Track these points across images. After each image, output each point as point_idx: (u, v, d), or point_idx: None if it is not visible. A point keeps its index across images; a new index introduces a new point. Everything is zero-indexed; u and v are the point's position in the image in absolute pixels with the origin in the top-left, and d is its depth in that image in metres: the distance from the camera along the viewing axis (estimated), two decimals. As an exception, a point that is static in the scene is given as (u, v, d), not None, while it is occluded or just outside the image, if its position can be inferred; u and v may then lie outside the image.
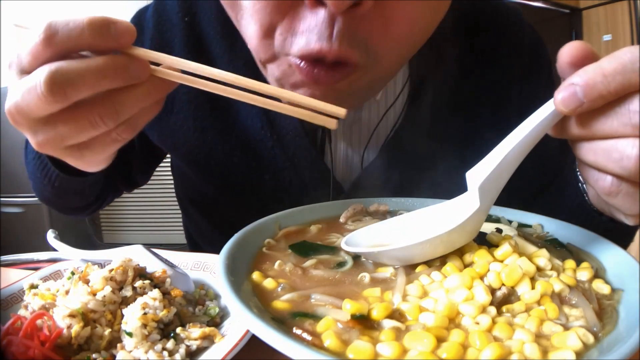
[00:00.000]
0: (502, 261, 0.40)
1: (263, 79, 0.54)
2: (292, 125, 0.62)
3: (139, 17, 0.68)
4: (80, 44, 0.36)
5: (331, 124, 0.39)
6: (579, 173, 0.52)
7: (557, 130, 0.37)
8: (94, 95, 0.37)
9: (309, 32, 0.42)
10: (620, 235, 0.51)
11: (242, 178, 0.66)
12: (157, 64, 0.40)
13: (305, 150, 0.62)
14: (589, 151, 0.35)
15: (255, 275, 0.41)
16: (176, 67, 0.39)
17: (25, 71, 0.37)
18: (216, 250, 0.43)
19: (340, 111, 0.37)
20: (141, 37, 0.65)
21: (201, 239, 0.87)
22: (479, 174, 0.40)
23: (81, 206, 0.70)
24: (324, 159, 0.64)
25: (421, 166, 0.59)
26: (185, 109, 0.65)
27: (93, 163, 0.46)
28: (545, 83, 0.70)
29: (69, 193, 0.62)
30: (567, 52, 0.33)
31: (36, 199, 0.68)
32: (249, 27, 0.46)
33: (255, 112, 0.63)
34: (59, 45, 0.35)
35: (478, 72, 0.66)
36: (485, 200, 0.40)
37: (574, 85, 0.32)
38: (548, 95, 0.37)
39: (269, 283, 0.40)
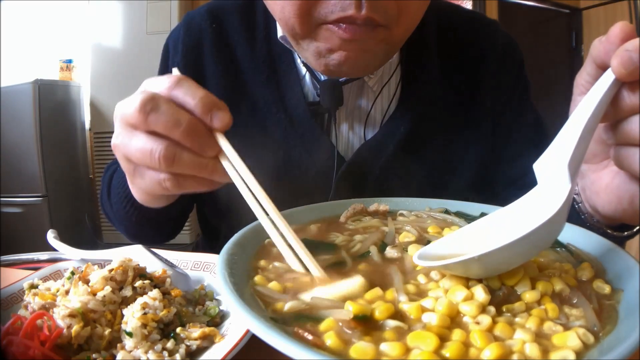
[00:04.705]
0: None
1: (279, 76, 0.75)
2: (302, 109, 0.74)
3: (177, 27, 0.82)
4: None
5: None
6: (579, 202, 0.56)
7: (608, 115, 0.39)
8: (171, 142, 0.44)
9: (342, 2, 0.55)
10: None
11: (260, 155, 0.72)
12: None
13: (313, 129, 0.75)
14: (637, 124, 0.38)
15: (256, 276, 0.41)
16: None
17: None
18: (232, 226, 0.49)
19: None
20: (178, 41, 0.79)
21: (215, 215, 0.88)
22: (559, 156, 0.38)
23: (160, 235, 0.83)
24: (330, 138, 0.76)
25: (411, 144, 0.75)
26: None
27: (150, 199, 0.55)
28: (516, 79, 0.82)
29: (148, 224, 0.73)
30: (620, 28, 0.38)
31: (36, 199, 0.69)
32: (286, 8, 0.58)
33: (271, 100, 0.75)
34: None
35: (456, 64, 0.80)
36: (574, 180, 0.37)
37: (629, 52, 0.36)
38: (517, 90, 0.75)
39: (269, 284, 0.40)
